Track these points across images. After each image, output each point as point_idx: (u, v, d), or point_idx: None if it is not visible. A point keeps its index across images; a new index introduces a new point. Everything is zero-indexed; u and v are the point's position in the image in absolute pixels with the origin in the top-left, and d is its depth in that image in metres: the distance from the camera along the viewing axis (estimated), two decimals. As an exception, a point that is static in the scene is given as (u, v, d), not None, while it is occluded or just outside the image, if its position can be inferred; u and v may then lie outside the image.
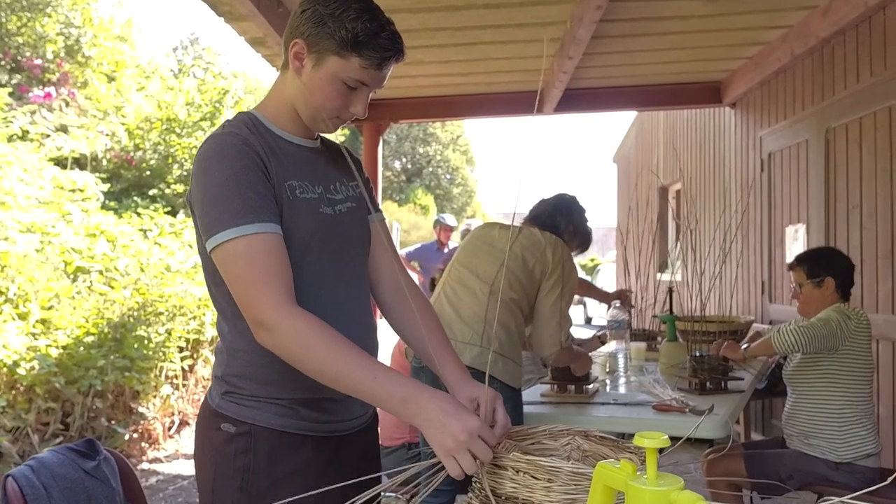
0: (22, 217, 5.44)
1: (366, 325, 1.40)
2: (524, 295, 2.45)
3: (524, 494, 1.07)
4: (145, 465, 4.80)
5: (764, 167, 5.05)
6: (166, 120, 9.90)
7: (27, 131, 7.77)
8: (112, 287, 5.22)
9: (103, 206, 7.44)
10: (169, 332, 5.28)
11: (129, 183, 9.38)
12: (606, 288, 4.26)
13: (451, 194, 31.54)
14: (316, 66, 1.26)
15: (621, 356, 3.35)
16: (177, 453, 5.09)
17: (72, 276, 5.21)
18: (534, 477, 1.05)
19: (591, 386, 2.79)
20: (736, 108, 5.61)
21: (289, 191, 1.27)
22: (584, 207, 2.73)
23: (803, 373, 2.71)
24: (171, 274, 5.83)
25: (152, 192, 9.15)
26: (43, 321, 4.53)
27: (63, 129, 8.55)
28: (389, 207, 23.74)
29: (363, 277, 1.43)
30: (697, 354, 2.96)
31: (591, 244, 2.81)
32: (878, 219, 3.60)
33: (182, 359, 5.44)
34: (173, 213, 7.98)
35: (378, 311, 1.58)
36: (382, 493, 1.13)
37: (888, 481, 1.04)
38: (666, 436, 0.77)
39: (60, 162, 7.67)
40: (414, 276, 6.45)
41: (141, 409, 4.98)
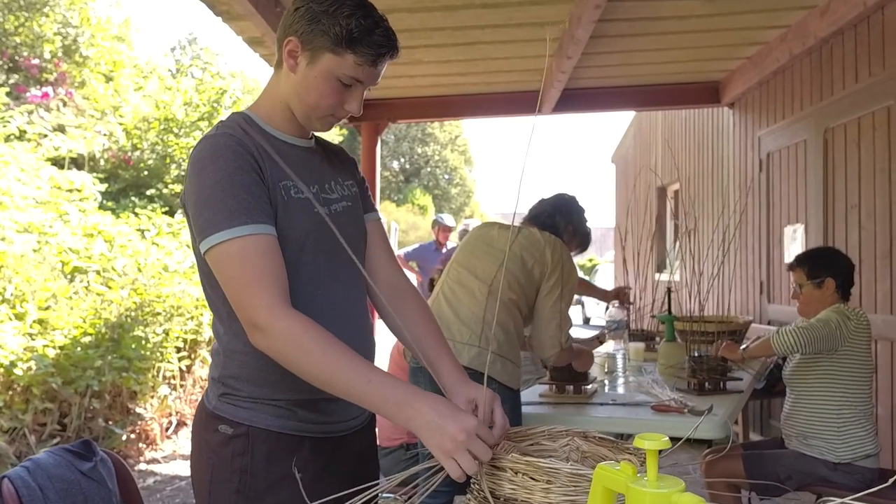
0: (19, 217, 5.43)
1: (362, 326, 1.39)
2: (523, 295, 2.44)
3: (523, 496, 1.06)
4: (143, 466, 4.79)
5: (762, 167, 5.05)
6: (164, 120, 9.89)
7: (24, 131, 7.76)
8: (109, 287, 5.22)
9: (101, 207, 7.43)
10: (166, 333, 5.27)
11: (127, 183, 9.37)
12: (605, 288, 4.25)
13: (450, 194, 31.54)
14: (310, 64, 1.26)
15: (620, 356, 3.35)
16: (174, 454, 5.08)
17: (69, 277, 5.20)
18: (532, 478, 1.05)
19: (590, 386, 2.79)
20: (734, 108, 5.61)
21: (283, 191, 1.26)
22: (584, 207, 2.73)
23: (802, 373, 2.70)
24: (169, 274, 5.82)
25: (150, 193, 9.14)
26: (40, 321, 4.52)
27: (60, 129, 8.54)
28: (388, 207, 23.73)
29: (359, 278, 1.42)
30: (696, 355, 2.96)
31: (590, 244, 2.81)
32: (877, 219, 3.60)
33: (180, 359, 5.43)
34: (171, 214, 7.97)
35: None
36: (381, 495, 1.12)
37: (889, 482, 1.04)
38: (666, 437, 0.76)
39: (58, 162, 7.65)
40: (412, 277, 6.45)
41: (138, 410, 4.97)
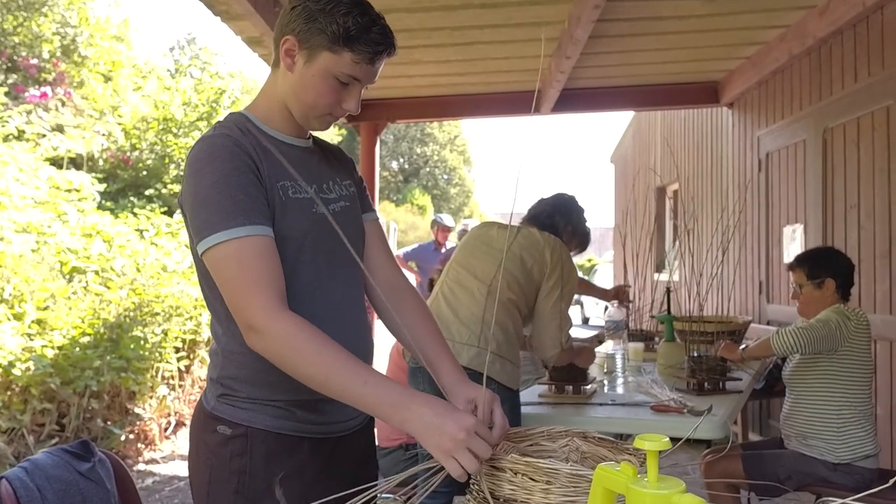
0: (17, 217, 5.43)
1: (361, 326, 1.39)
2: (522, 295, 2.43)
3: (522, 496, 1.06)
4: (141, 466, 4.78)
5: (761, 167, 5.05)
6: (163, 120, 9.88)
7: (23, 131, 7.75)
8: (108, 287, 5.21)
9: (99, 207, 7.42)
10: (165, 333, 5.26)
11: (126, 183, 9.36)
12: (604, 287, 4.25)
13: (449, 194, 31.54)
14: (308, 63, 1.25)
15: (619, 357, 3.35)
16: (173, 454, 5.07)
17: (68, 277, 5.19)
18: (532, 479, 1.05)
19: (589, 387, 2.78)
20: (733, 108, 5.61)
21: (281, 191, 1.26)
22: (583, 207, 2.72)
23: (802, 373, 2.70)
24: (168, 274, 5.81)
25: (149, 193, 9.13)
26: (38, 322, 4.51)
27: (59, 129, 8.52)
28: (387, 207, 23.73)
29: (358, 277, 1.42)
30: (695, 355, 2.95)
31: (589, 244, 2.81)
32: (876, 219, 3.60)
33: (178, 359, 5.42)
34: (170, 214, 7.96)
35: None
36: (380, 495, 1.12)
37: (890, 483, 1.03)
38: (667, 438, 0.76)
39: (56, 162, 7.65)
40: (411, 277, 6.45)
41: (137, 410, 4.96)
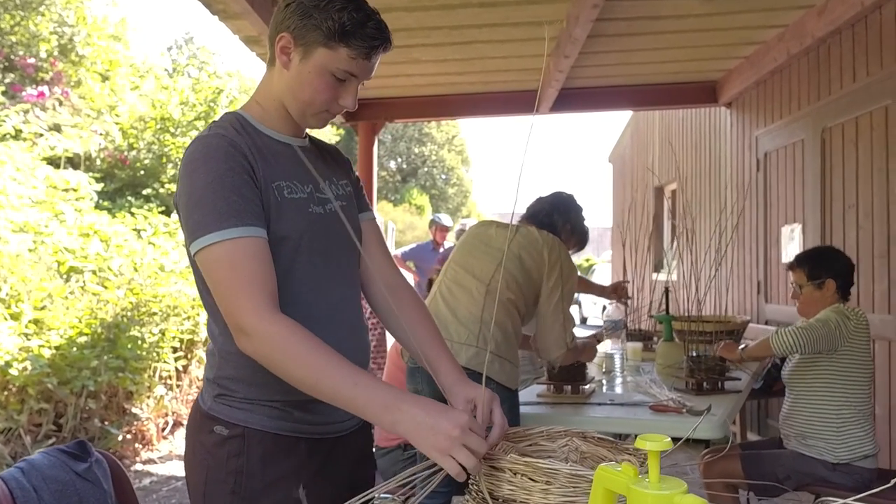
0: (14, 216, 5.41)
1: (357, 326, 1.38)
2: (521, 295, 2.42)
3: (522, 497, 1.05)
4: (139, 467, 4.77)
5: (760, 167, 5.05)
6: (160, 119, 9.87)
7: (20, 130, 7.73)
8: (105, 287, 5.20)
9: (97, 206, 7.41)
10: (163, 333, 5.25)
11: (123, 182, 9.35)
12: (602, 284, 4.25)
13: (447, 194, 31.52)
14: (304, 60, 1.25)
15: (618, 356, 3.35)
16: (170, 454, 5.06)
17: (65, 276, 5.18)
18: (531, 479, 1.04)
19: (588, 386, 2.78)
20: (732, 108, 5.61)
21: (276, 192, 1.25)
22: (581, 206, 2.72)
23: (802, 373, 2.69)
24: (165, 274, 5.80)
25: (146, 192, 9.12)
26: (35, 321, 4.50)
27: (56, 129, 8.51)
28: (384, 207, 23.71)
29: (355, 277, 1.41)
30: (694, 354, 2.95)
31: (588, 243, 2.81)
32: (874, 218, 3.60)
33: (176, 359, 5.41)
34: (167, 213, 7.95)
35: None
36: (378, 495, 1.11)
37: (891, 483, 1.03)
38: (668, 438, 0.75)
39: (54, 161, 7.63)
40: (409, 277, 6.45)
41: (134, 410, 4.95)
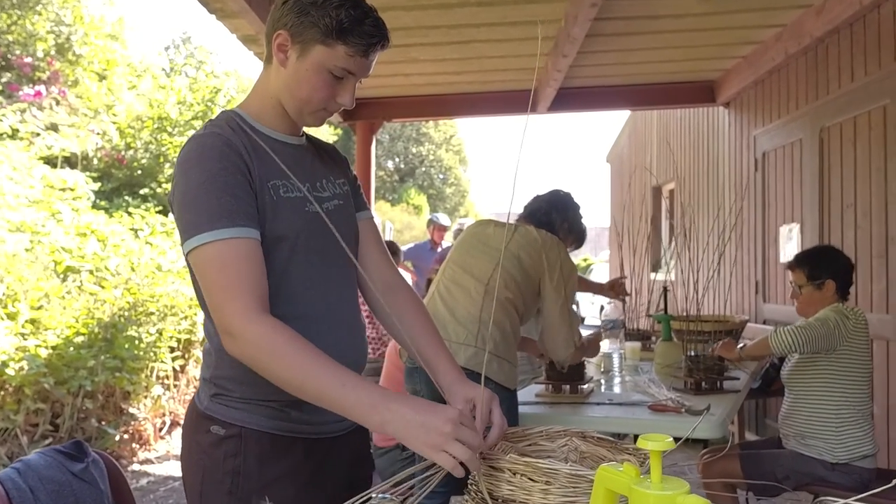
0: (11, 216, 5.40)
1: (355, 326, 1.38)
2: (520, 294, 2.41)
3: (521, 497, 1.05)
4: (136, 467, 4.76)
5: (758, 167, 5.05)
6: (158, 119, 9.86)
7: (17, 130, 7.72)
8: (102, 287, 5.18)
9: (94, 206, 7.40)
10: (160, 332, 5.24)
11: (120, 182, 9.34)
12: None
13: (444, 194, 31.51)
14: (301, 57, 1.24)
15: (616, 356, 3.34)
16: (168, 454, 5.05)
17: (62, 276, 5.16)
18: (531, 479, 1.03)
19: (586, 386, 2.77)
20: (730, 108, 5.61)
21: (272, 191, 1.24)
22: (579, 204, 2.71)
23: (801, 373, 2.69)
24: (163, 273, 5.79)
25: (143, 192, 9.11)
26: (32, 321, 4.48)
27: (53, 128, 8.49)
28: (382, 207, 23.69)
29: (352, 277, 1.40)
30: (693, 354, 2.95)
31: (585, 242, 2.80)
32: (873, 218, 3.60)
33: (173, 359, 5.40)
34: (165, 213, 7.93)
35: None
36: (376, 495, 1.10)
37: (893, 483, 1.02)
38: (671, 438, 0.75)
39: (50, 161, 7.62)
40: (407, 276, 6.44)
41: (131, 410, 4.94)
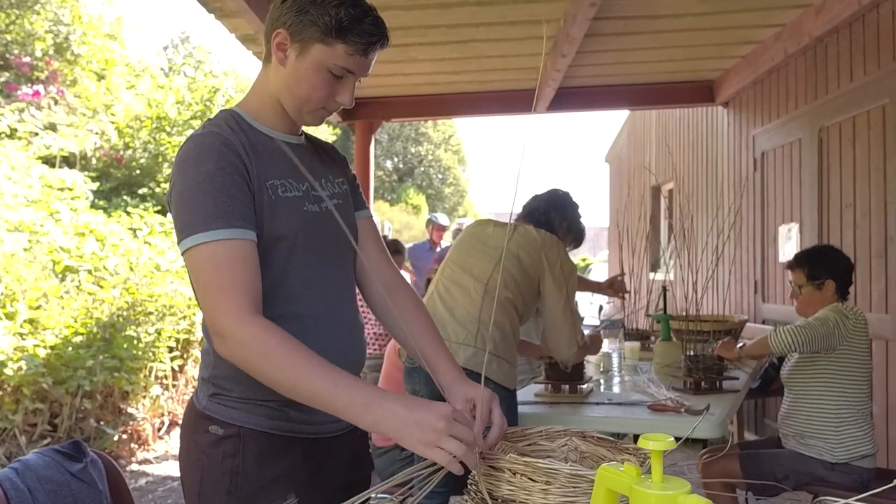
0: (10, 216, 5.39)
1: (353, 325, 1.37)
2: (519, 294, 2.41)
3: (521, 497, 1.04)
4: (135, 467, 4.75)
5: (757, 166, 5.05)
6: (156, 118, 9.85)
7: (15, 129, 7.71)
8: (101, 286, 5.17)
9: (92, 205, 7.39)
10: (159, 332, 5.23)
11: (119, 182, 9.33)
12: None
13: (443, 194, 31.49)
14: (300, 56, 1.24)
15: (615, 355, 3.34)
16: (166, 454, 5.04)
17: (60, 276, 5.15)
18: (531, 479, 1.03)
19: (586, 386, 2.77)
20: (729, 108, 5.61)
21: (270, 190, 1.24)
22: (577, 203, 2.71)
23: (801, 373, 2.69)
24: (161, 273, 5.78)
25: (142, 191, 9.10)
26: (31, 321, 4.47)
27: (52, 128, 8.47)
28: (381, 207, 23.67)
29: (351, 276, 1.40)
30: (692, 354, 2.94)
31: (583, 243, 2.81)
32: (872, 218, 3.60)
33: (172, 359, 5.39)
34: (163, 213, 7.92)
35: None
36: (375, 496, 1.10)
37: (893, 484, 1.02)
38: (672, 437, 0.74)
39: (49, 160, 7.60)
40: (406, 276, 6.43)
41: (130, 410, 4.93)
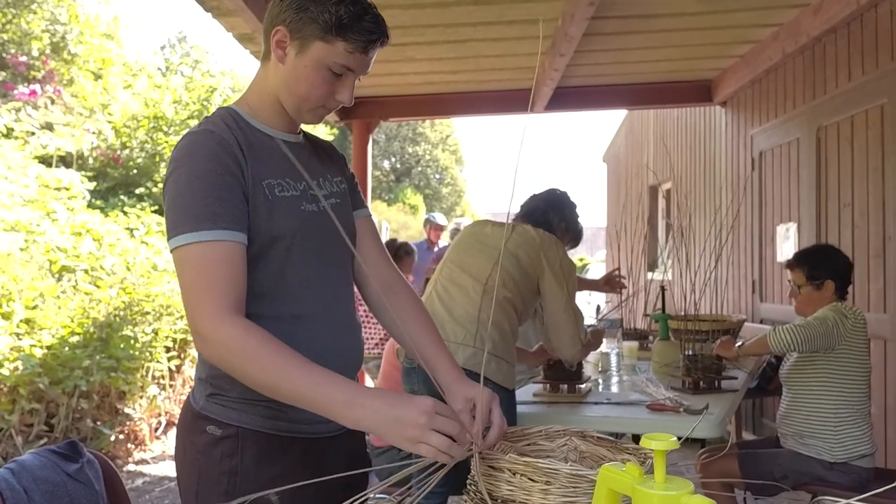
0: (6, 215, 5.37)
1: (351, 325, 1.37)
2: (518, 293, 2.41)
3: (521, 497, 1.04)
4: (131, 467, 4.74)
5: (755, 166, 5.05)
6: (153, 118, 9.84)
7: (12, 129, 7.69)
8: (98, 286, 5.16)
9: (89, 205, 7.37)
10: (156, 332, 5.22)
11: (116, 181, 9.31)
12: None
13: (441, 194, 31.48)
14: (300, 54, 1.23)
15: (614, 355, 3.34)
16: (163, 454, 5.03)
17: (57, 276, 5.14)
18: (531, 479, 1.02)
19: (584, 385, 2.77)
20: (727, 107, 5.61)
21: (267, 190, 1.23)
22: (575, 203, 2.71)
23: (800, 372, 2.68)
24: (158, 273, 5.77)
25: (139, 191, 9.09)
26: (27, 321, 4.46)
27: (48, 127, 8.45)
28: (378, 207, 23.67)
29: (349, 276, 1.39)
30: (690, 353, 2.94)
31: (581, 242, 2.81)
32: (870, 217, 3.60)
33: (169, 359, 5.38)
34: (160, 212, 7.89)
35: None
36: (374, 495, 1.09)
37: (894, 485, 1.01)
38: (674, 437, 0.74)
39: (46, 160, 7.59)
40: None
41: (127, 410, 4.92)
